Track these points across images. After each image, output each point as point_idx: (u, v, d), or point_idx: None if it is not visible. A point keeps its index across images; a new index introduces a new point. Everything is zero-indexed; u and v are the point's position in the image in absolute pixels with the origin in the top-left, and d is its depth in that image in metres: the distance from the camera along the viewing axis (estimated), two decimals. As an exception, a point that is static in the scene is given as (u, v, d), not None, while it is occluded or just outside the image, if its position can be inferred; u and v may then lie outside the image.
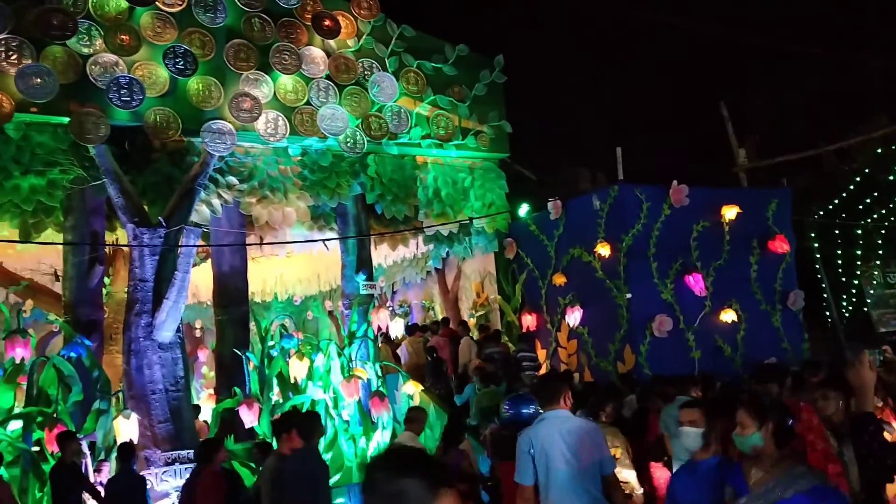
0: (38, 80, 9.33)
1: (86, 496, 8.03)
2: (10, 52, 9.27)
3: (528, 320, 12.45)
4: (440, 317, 16.10)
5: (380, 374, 11.36)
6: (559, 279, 11.90)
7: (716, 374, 9.24)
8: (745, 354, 11.29)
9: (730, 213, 11.47)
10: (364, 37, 11.91)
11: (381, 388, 10.98)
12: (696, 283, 11.03)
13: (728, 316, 11.24)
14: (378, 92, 11.74)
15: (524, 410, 5.41)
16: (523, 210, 13.12)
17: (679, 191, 11.14)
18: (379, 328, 11.94)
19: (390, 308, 14.33)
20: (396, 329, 12.76)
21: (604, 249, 10.99)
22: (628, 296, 10.87)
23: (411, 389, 11.24)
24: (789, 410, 3.79)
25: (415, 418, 6.18)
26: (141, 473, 8.51)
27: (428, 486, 2.05)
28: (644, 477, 6.43)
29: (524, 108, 14.29)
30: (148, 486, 8.71)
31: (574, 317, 11.45)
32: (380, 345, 12.40)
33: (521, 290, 12.97)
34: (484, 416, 9.37)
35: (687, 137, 18.05)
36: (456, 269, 15.64)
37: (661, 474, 6.64)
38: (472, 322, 14.38)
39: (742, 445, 3.65)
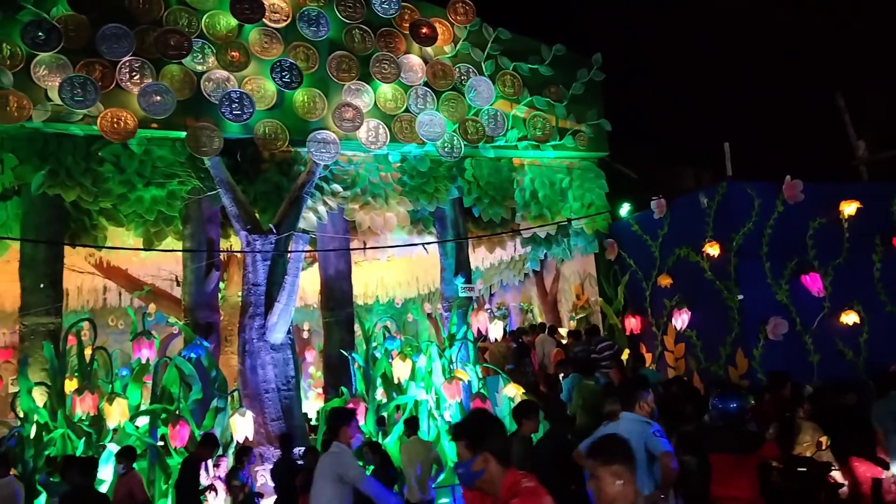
0: (158, 97, 9.98)
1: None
2: (133, 73, 9.98)
3: (632, 323, 12.11)
4: (539, 319, 16.01)
5: (480, 376, 11.41)
6: (665, 280, 11.52)
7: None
8: (868, 359, 10.53)
9: (849, 208, 10.74)
10: (460, 42, 12.03)
11: (482, 391, 11.01)
12: (814, 283, 10.40)
13: (849, 318, 10.52)
14: (475, 96, 11.81)
15: (731, 405, 5.68)
16: (625, 210, 12.81)
17: (793, 186, 10.56)
18: (478, 330, 12.00)
19: (489, 310, 14.39)
20: (495, 331, 12.76)
21: (713, 249, 10.56)
22: (740, 297, 10.38)
23: (512, 392, 11.20)
24: None
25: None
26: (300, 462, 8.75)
27: None
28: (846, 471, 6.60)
29: (624, 105, 13.96)
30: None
31: (681, 319, 11.06)
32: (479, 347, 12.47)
33: (623, 292, 12.65)
34: (585, 408, 9.26)
35: (800, 130, 17.08)
36: (554, 271, 15.47)
37: (865, 469, 6.66)
38: (572, 325, 14.18)
39: None
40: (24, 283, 10.29)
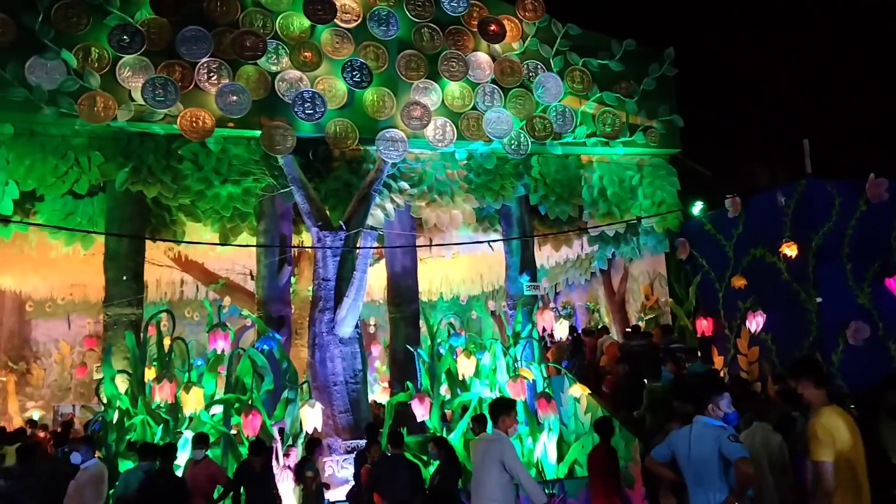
0: (234, 97, 10.30)
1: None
2: (211, 74, 10.33)
3: (703, 325, 11.80)
4: (605, 319, 15.79)
5: (545, 375, 11.33)
6: (739, 281, 11.18)
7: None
8: (958, 367, 10.00)
9: (939, 207, 10.21)
10: (529, 39, 11.95)
11: (547, 390, 10.94)
12: (899, 286, 9.94)
13: (938, 323, 10.01)
14: (543, 93, 11.72)
15: None
16: (697, 208, 12.46)
17: (877, 185, 10.09)
18: (544, 329, 11.92)
19: (554, 309, 14.27)
20: (561, 331, 12.65)
21: (790, 250, 10.20)
22: (818, 300, 10.01)
23: (578, 392, 11.10)
24: None
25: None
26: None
27: None
28: None
29: (697, 99, 13.57)
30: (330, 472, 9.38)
31: (756, 322, 10.72)
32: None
33: (694, 293, 12.35)
34: (657, 406, 9.17)
35: (884, 125, 16.24)
36: (623, 270, 15.21)
37: None
38: (641, 325, 13.91)
39: None
40: (108, 275, 10.75)
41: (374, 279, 14.50)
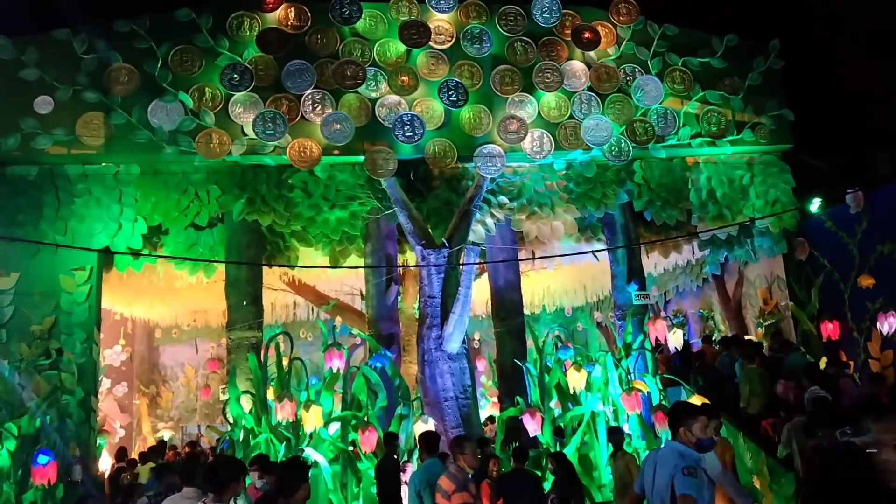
0: (338, 125, 10.70)
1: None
2: (316, 105, 10.77)
3: (829, 328, 11.11)
4: (721, 327, 15.15)
5: (660, 386, 10.98)
6: (866, 281, 10.48)
7: None
8: None
9: None
10: (624, 42, 11.76)
11: (663, 402, 10.59)
12: None
13: None
14: (642, 96, 11.48)
15: None
16: (815, 205, 11.77)
17: None
18: (657, 339, 11.57)
19: (666, 318, 13.85)
20: (675, 340, 12.22)
21: (923, 244, 9.49)
22: (960, 297, 9.23)
23: (696, 403, 10.67)
24: None
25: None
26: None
27: None
28: None
29: (808, 90, 12.85)
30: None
31: (888, 323, 10.00)
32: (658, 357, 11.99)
33: (817, 295, 11.64)
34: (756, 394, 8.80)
35: None
36: (737, 274, 14.54)
37: None
38: (759, 332, 13.25)
39: None
40: (230, 301, 11.35)
41: (477, 294, 14.54)
